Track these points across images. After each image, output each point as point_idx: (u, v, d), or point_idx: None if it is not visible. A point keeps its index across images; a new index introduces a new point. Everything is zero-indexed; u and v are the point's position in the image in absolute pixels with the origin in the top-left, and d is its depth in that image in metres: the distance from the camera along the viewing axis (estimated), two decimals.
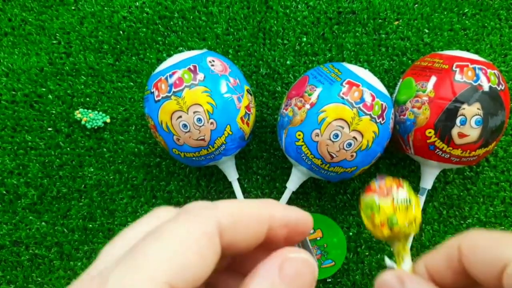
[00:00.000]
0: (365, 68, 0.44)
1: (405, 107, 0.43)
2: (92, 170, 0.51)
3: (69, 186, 0.51)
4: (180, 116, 0.41)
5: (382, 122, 0.41)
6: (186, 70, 0.41)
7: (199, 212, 0.16)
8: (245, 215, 0.17)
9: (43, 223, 0.50)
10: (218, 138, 0.42)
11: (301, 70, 0.52)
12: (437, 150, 0.42)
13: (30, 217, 0.50)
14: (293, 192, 0.47)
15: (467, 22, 0.52)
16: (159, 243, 0.15)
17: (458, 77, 0.41)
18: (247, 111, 0.43)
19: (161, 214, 0.18)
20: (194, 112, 0.40)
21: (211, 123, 0.41)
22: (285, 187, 0.47)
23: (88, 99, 0.52)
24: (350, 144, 0.40)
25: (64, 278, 0.50)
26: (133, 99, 0.52)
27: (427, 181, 0.46)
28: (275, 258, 0.17)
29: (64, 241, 0.50)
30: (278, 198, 0.50)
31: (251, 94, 0.45)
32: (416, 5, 0.53)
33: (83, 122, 0.51)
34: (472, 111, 0.40)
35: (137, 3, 0.53)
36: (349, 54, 0.52)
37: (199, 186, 0.51)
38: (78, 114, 0.51)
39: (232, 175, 0.47)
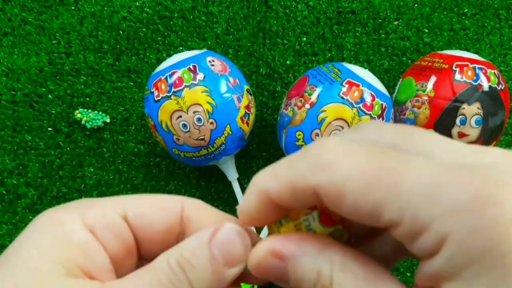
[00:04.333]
0: (365, 68, 0.44)
1: (405, 106, 0.43)
2: (92, 170, 0.51)
3: (69, 186, 0.51)
4: (180, 116, 0.41)
5: None
6: (186, 70, 0.41)
7: (103, 204, 0.20)
8: (151, 206, 0.20)
9: None
10: (218, 138, 0.42)
11: (301, 70, 0.52)
12: None
13: (30, 217, 0.50)
14: None
15: (467, 22, 0.52)
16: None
17: (458, 76, 0.41)
18: (247, 111, 0.43)
19: None
20: (194, 112, 0.40)
21: (211, 123, 0.41)
22: None
23: (88, 99, 0.52)
24: None
25: None
26: (133, 99, 0.52)
27: None
28: (211, 226, 0.18)
29: None
30: None
31: (251, 94, 0.45)
32: (416, 5, 0.53)
33: (83, 122, 0.51)
34: (472, 110, 0.40)
35: (137, 3, 0.53)
36: (349, 54, 0.52)
37: (199, 186, 0.51)
38: (78, 114, 0.51)
39: (232, 175, 0.47)
